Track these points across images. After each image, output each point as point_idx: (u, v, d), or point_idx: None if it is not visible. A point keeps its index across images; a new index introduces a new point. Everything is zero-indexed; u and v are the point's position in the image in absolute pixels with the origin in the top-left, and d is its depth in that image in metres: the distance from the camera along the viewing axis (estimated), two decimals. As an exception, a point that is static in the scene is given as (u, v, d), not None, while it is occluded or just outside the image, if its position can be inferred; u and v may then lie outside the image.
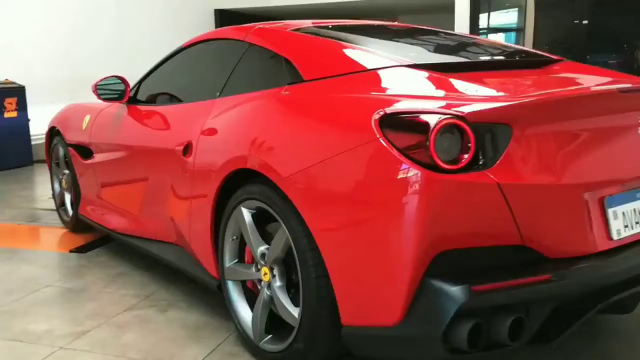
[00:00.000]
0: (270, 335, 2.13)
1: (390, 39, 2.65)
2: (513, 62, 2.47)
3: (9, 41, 7.14)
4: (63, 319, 2.62)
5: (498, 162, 1.65)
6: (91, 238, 3.78)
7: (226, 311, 2.35)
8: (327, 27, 2.63)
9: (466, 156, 1.62)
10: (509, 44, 2.88)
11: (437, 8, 11.08)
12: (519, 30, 12.09)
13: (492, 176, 1.63)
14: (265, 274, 2.10)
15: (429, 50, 2.60)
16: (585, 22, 10.01)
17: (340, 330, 1.84)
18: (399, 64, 2.08)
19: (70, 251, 3.57)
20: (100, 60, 8.25)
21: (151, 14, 9.93)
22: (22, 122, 6.83)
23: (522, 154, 1.67)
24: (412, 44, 2.65)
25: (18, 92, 6.77)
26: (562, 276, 1.70)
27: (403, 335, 1.70)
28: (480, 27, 11.26)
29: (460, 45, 2.70)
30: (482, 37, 10.43)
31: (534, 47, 10.80)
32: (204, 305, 2.67)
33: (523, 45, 11.51)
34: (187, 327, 2.47)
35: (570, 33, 10.34)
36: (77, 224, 3.86)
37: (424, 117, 1.64)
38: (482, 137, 1.64)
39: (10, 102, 6.66)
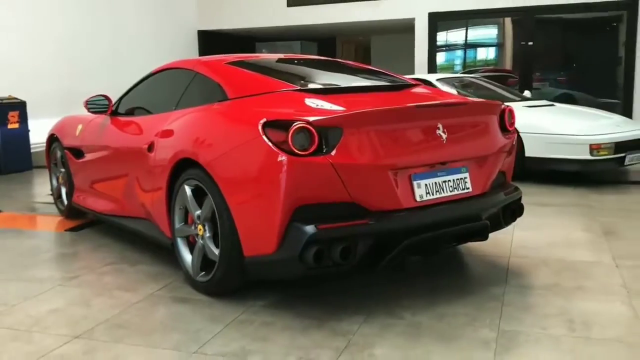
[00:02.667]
0: (204, 272, 3.12)
1: (295, 69, 3.70)
2: (380, 87, 3.51)
3: (13, 62, 8.14)
4: (60, 270, 3.63)
5: (334, 150, 2.65)
6: (82, 222, 4.76)
7: (178, 266, 3.33)
8: (251, 61, 3.67)
9: (312, 147, 2.63)
10: (390, 73, 3.90)
11: (404, 29, 12.16)
12: (500, 45, 13.17)
13: (329, 159, 2.64)
14: (200, 229, 3.10)
15: (320, 78, 3.64)
16: (530, 43, 11.13)
17: (243, 261, 2.85)
18: (290, 89, 3.12)
19: (65, 230, 4.57)
20: (92, 78, 9.27)
21: (141, 36, 10.93)
22: (23, 132, 7.80)
23: (350, 145, 2.68)
24: (310, 72, 3.71)
25: (20, 107, 7.75)
26: (377, 221, 2.71)
27: (277, 259, 2.70)
28: (456, 42, 12.34)
29: (347, 74, 3.75)
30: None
31: (512, 62, 11.81)
32: (163, 261, 3.65)
33: (504, 60, 12.60)
34: (148, 274, 3.47)
35: (521, 52, 11.47)
36: (70, 212, 4.85)
37: (287, 122, 2.65)
38: (324, 135, 2.65)
39: (13, 115, 7.65)
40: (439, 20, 11.23)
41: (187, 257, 3.24)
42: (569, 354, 2.37)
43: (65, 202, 4.89)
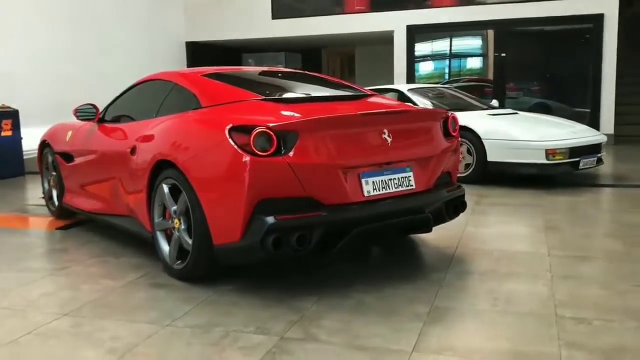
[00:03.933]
0: (179, 261, 3.51)
1: (265, 80, 4.12)
2: (338, 96, 3.93)
3: (7, 72, 8.52)
4: (51, 262, 4.00)
5: (291, 151, 3.06)
6: (71, 221, 5.13)
7: (157, 258, 3.71)
8: (226, 73, 4.09)
9: (272, 149, 3.03)
10: (351, 84, 4.34)
11: (386, 40, 12.63)
12: (478, 56, 13.68)
13: (286, 159, 3.04)
14: (176, 222, 3.49)
15: (286, 88, 4.06)
16: (503, 54, 11.63)
17: (213, 249, 3.24)
18: (256, 98, 3.54)
19: (55, 229, 4.94)
20: (82, 88, 9.65)
21: (130, 47, 11.34)
22: (16, 140, 8.16)
23: (305, 147, 3.09)
24: (277, 83, 4.12)
25: (13, 115, 8.12)
26: (329, 213, 3.11)
27: (242, 247, 3.10)
28: (435, 53, 12.85)
29: (312, 85, 4.17)
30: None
31: (494, 72, 12.24)
32: (144, 254, 4.03)
33: (483, 70, 13.06)
34: (131, 265, 3.85)
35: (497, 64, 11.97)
36: (61, 212, 5.22)
37: (249, 127, 3.06)
38: (282, 138, 3.05)
39: (6, 123, 8.02)
40: (416, 33, 11.72)
41: (165, 247, 3.63)
42: (488, 324, 2.78)
43: (56, 203, 5.26)
